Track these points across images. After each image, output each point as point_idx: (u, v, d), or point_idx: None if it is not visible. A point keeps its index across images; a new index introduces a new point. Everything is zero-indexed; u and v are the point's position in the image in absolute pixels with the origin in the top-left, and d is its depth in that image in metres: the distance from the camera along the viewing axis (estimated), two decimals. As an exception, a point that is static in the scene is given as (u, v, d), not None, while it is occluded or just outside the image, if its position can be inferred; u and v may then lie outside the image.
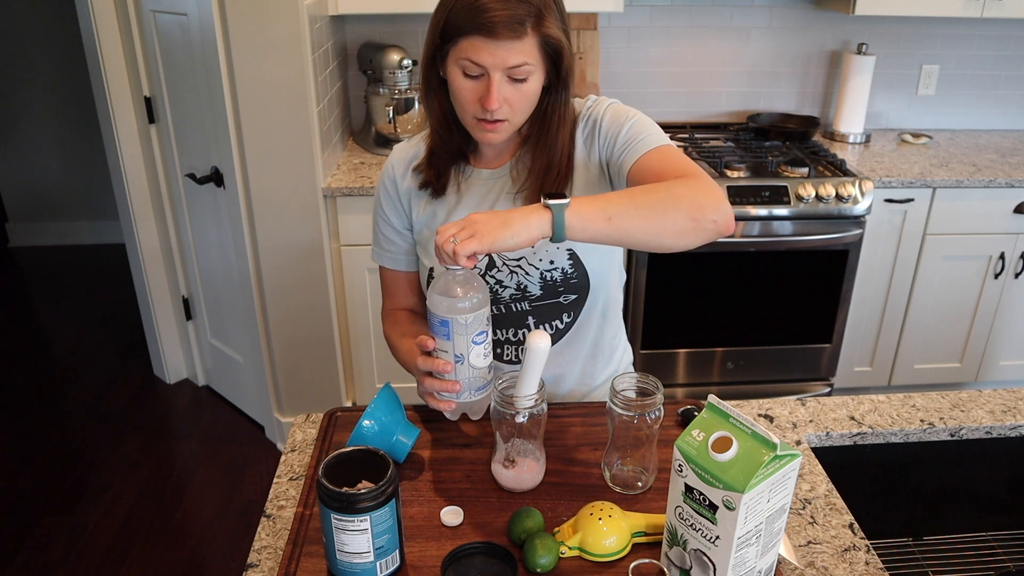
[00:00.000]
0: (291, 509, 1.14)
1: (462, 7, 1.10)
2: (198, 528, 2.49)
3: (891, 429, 1.33)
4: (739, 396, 2.58)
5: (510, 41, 1.10)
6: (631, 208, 1.03)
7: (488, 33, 1.09)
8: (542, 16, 1.11)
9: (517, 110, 1.17)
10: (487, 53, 1.11)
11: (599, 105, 1.27)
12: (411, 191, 1.32)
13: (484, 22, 1.08)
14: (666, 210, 1.04)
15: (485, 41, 1.10)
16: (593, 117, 1.26)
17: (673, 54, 3.05)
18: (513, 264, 1.28)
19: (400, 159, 1.34)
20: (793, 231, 2.60)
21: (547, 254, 1.27)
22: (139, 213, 2.90)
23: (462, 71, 1.14)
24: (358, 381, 2.79)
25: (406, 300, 1.43)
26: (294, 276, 2.52)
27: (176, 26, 2.42)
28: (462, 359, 1.10)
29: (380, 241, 1.39)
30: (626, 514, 1.04)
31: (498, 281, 1.29)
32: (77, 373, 3.31)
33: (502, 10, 1.08)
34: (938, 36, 3.08)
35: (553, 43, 1.13)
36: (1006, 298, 2.89)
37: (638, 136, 1.20)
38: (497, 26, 1.08)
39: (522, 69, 1.12)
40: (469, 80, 1.14)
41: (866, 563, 1.06)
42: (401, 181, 1.33)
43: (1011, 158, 2.88)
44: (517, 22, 1.09)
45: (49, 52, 4.10)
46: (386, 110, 2.69)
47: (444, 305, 1.08)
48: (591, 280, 1.29)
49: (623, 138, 1.21)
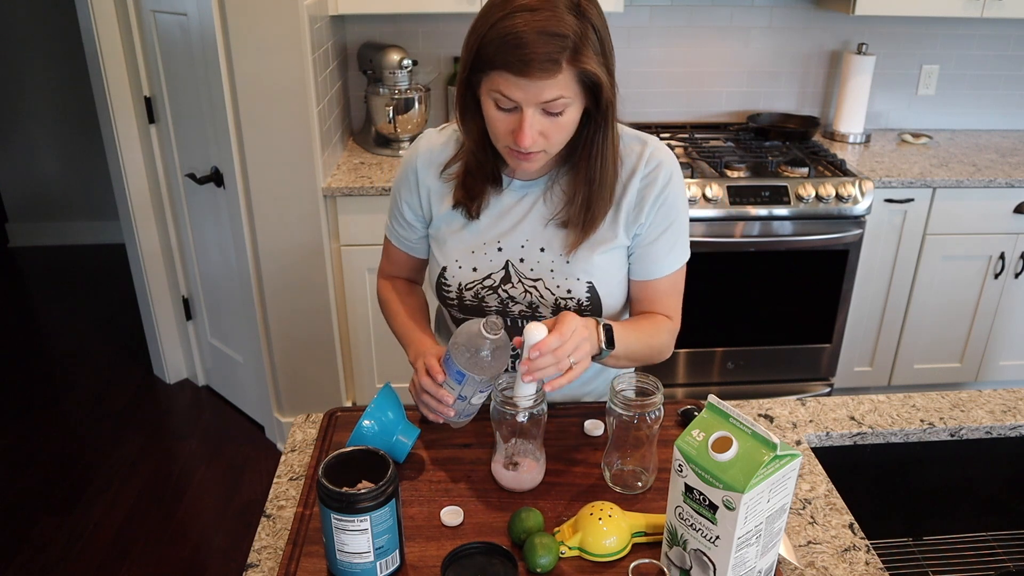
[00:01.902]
0: (291, 509, 1.14)
1: (494, 38, 1.04)
2: (198, 528, 2.49)
3: (891, 429, 1.33)
4: (739, 396, 2.58)
5: (543, 79, 1.04)
6: (633, 355, 1.23)
7: (519, 72, 1.03)
8: (579, 49, 1.04)
9: (553, 141, 1.13)
10: (519, 89, 1.05)
11: (663, 167, 1.22)
12: (432, 190, 1.30)
13: (515, 60, 1.02)
14: (651, 356, 1.27)
15: (517, 78, 1.04)
16: (655, 179, 1.22)
17: (673, 54, 3.05)
18: (529, 284, 1.27)
19: (428, 154, 1.30)
20: (793, 231, 2.60)
21: (566, 282, 1.25)
22: (139, 213, 2.90)
23: (494, 103, 1.10)
24: (358, 381, 2.79)
25: (406, 275, 1.44)
26: (294, 276, 2.52)
27: (176, 26, 2.42)
28: (465, 399, 1.15)
29: (395, 216, 1.37)
30: (626, 514, 1.04)
31: (511, 296, 1.28)
32: (77, 373, 3.31)
33: (536, 46, 1.02)
34: (938, 36, 3.08)
35: (590, 77, 1.07)
36: (1006, 298, 2.89)
37: (669, 250, 1.25)
38: (529, 65, 1.02)
39: (557, 103, 1.07)
40: (502, 112, 1.10)
41: (866, 563, 1.06)
42: (424, 176, 1.30)
43: (1011, 158, 2.88)
44: (550, 60, 1.02)
45: (49, 52, 4.10)
46: (386, 110, 2.69)
47: (466, 360, 1.10)
48: (603, 312, 1.28)
49: (659, 244, 1.24)
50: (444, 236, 1.30)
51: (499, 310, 1.29)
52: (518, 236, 1.26)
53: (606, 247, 1.24)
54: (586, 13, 1.06)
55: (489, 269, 1.28)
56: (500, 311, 1.29)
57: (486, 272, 1.28)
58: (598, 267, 1.24)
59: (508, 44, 1.03)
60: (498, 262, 1.27)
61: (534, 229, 1.25)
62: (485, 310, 1.29)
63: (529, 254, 1.26)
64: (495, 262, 1.27)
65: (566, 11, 1.04)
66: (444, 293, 1.32)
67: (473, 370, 1.10)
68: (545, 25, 1.02)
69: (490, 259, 1.27)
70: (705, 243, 2.55)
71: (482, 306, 1.29)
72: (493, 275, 1.28)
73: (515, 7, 1.03)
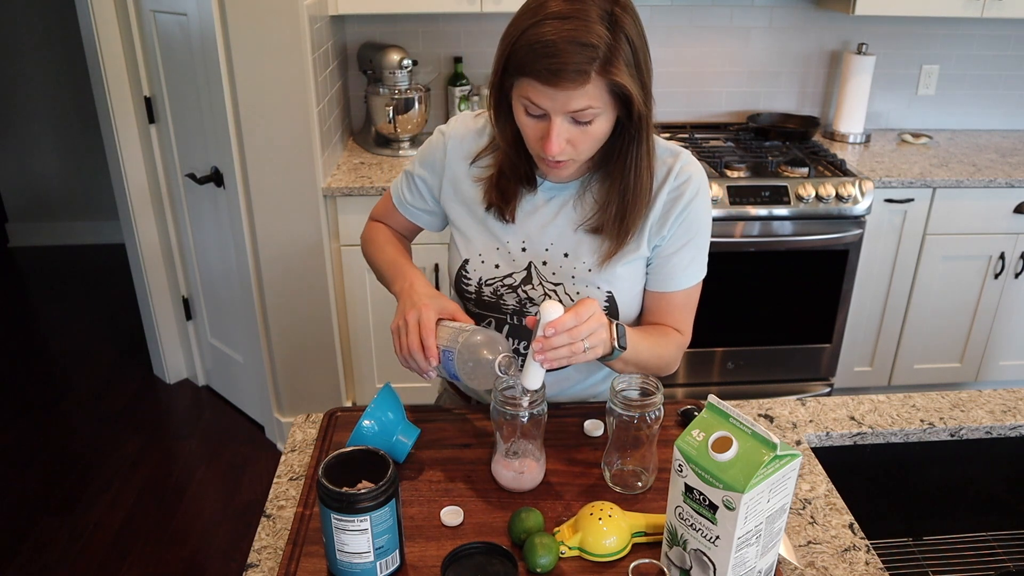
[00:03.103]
0: (291, 509, 1.14)
1: (524, 44, 1.03)
2: (198, 528, 2.49)
3: (891, 429, 1.33)
4: (739, 396, 2.58)
5: (571, 89, 1.03)
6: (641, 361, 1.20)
7: (546, 81, 1.02)
8: (610, 60, 1.02)
9: (582, 149, 1.12)
10: (547, 98, 1.05)
11: (691, 181, 1.21)
12: (458, 177, 1.29)
13: (543, 68, 1.01)
14: (657, 367, 1.25)
15: (545, 87, 1.03)
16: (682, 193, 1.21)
17: (673, 54, 3.05)
18: (550, 288, 1.26)
19: (461, 139, 1.28)
20: (793, 231, 2.60)
21: (586, 289, 1.24)
22: (139, 213, 2.90)
23: (524, 109, 1.09)
24: (358, 381, 2.79)
25: (398, 228, 1.43)
26: (294, 276, 2.52)
27: (176, 26, 2.42)
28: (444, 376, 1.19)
29: (409, 182, 1.36)
30: (626, 514, 1.04)
31: (529, 298, 1.27)
32: (77, 373, 3.31)
33: (564, 56, 1.00)
34: (938, 36, 3.08)
35: (621, 89, 1.05)
36: (1006, 298, 2.89)
37: (687, 265, 1.24)
38: (557, 75, 1.01)
39: (586, 112, 1.06)
40: (531, 119, 1.09)
41: (866, 563, 1.06)
42: (453, 160, 1.29)
43: (1011, 158, 2.88)
44: (578, 70, 1.01)
45: (49, 52, 4.10)
46: (386, 110, 2.69)
47: (465, 369, 1.11)
48: (619, 318, 1.27)
49: (677, 258, 1.23)
50: (467, 228, 1.29)
51: (516, 309, 1.28)
52: (544, 239, 1.25)
53: (629, 258, 1.23)
54: (620, 23, 1.03)
55: (511, 268, 1.27)
56: (517, 310, 1.28)
57: (508, 271, 1.27)
58: (620, 277, 1.24)
59: (537, 52, 1.02)
60: (521, 262, 1.27)
61: (561, 233, 1.25)
62: (503, 308, 1.29)
63: (552, 258, 1.25)
64: (518, 262, 1.27)
65: (598, 20, 1.02)
66: (463, 285, 1.31)
67: (467, 380, 1.12)
68: (575, 34, 1.01)
69: (513, 258, 1.27)
70: (705, 243, 2.55)
71: (499, 304, 1.29)
72: (515, 274, 1.27)
73: (546, 14, 1.02)
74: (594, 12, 1.02)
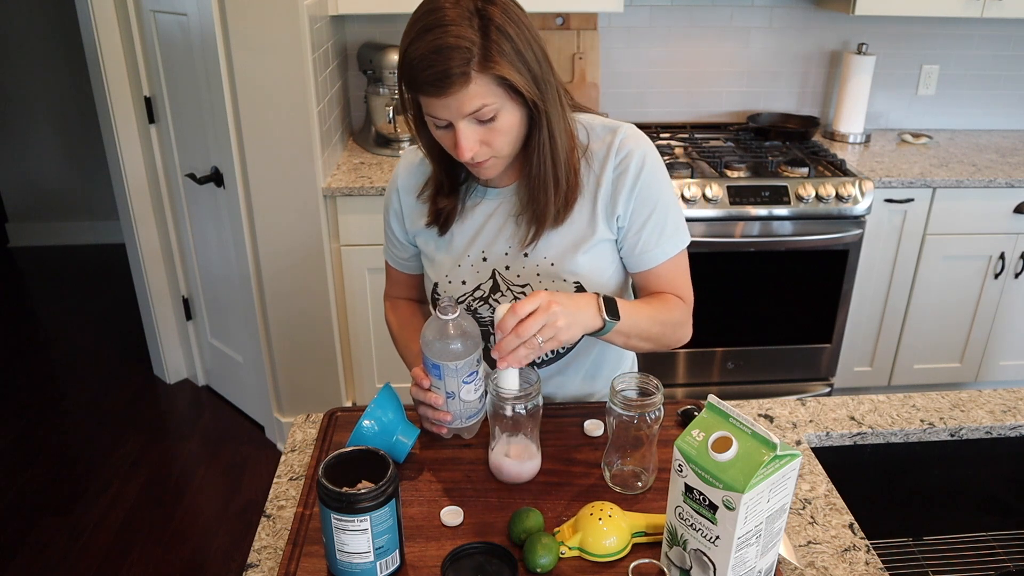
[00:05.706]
0: (291, 509, 1.14)
1: (406, 64, 1.05)
2: (198, 528, 2.49)
3: (891, 429, 1.33)
4: (739, 396, 2.58)
5: (457, 94, 1.04)
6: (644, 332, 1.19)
7: (433, 93, 1.04)
8: (487, 56, 1.03)
9: (498, 146, 1.12)
10: (442, 108, 1.06)
11: (633, 154, 1.20)
12: (413, 209, 1.31)
13: (424, 82, 1.04)
14: (667, 342, 1.24)
15: (435, 99, 1.05)
16: (627, 167, 1.20)
17: (673, 54, 3.05)
18: (518, 291, 1.26)
19: (406, 173, 1.32)
20: (793, 231, 2.60)
21: (553, 284, 1.24)
22: (139, 213, 2.90)
23: (433, 123, 1.11)
24: (358, 381, 2.79)
25: (408, 293, 1.45)
26: (294, 276, 2.52)
27: (176, 26, 2.42)
28: (453, 395, 1.14)
29: (387, 237, 1.39)
30: (626, 514, 1.04)
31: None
32: (77, 373, 3.31)
33: (439, 65, 1.02)
34: (938, 36, 3.08)
35: (506, 80, 1.05)
36: (1006, 298, 2.89)
37: (659, 236, 1.23)
38: (438, 84, 1.03)
39: (484, 111, 1.07)
40: (441, 130, 1.11)
41: (866, 563, 1.06)
42: (404, 196, 1.32)
43: (1011, 158, 2.88)
44: (458, 73, 1.02)
45: (49, 52, 4.10)
46: (386, 110, 2.69)
47: (435, 350, 1.10)
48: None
49: (646, 232, 1.22)
50: (432, 252, 1.31)
51: (493, 320, 1.28)
52: (500, 244, 1.26)
53: (588, 244, 1.23)
54: (489, 17, 1.04)
55: (477, 280, 1.28)
56: (494, 321, 1.28)
57: (475, 283, 1.28)
58: (583, 266, 1.24)
59: (417, 68, 1.04)
60: (484, 273, 1.27)
61: (514, 234, 1.25)
62: (481, 321, 1.30)
63: (514, 261, 1.26)
64: (482, 273, 1.28)
65: (465, 22, 1.03)
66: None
67: (444, 358, 1.10)
68: (444, 41, 1.02)
69: (477, 270, 1.28)
70: (705, 243, 2.55)
71: (477, 318, 1.30)
72: (482, 286, 1.28)
73: (417, 31, 1.05)
74: (460, 15, 1.03)
